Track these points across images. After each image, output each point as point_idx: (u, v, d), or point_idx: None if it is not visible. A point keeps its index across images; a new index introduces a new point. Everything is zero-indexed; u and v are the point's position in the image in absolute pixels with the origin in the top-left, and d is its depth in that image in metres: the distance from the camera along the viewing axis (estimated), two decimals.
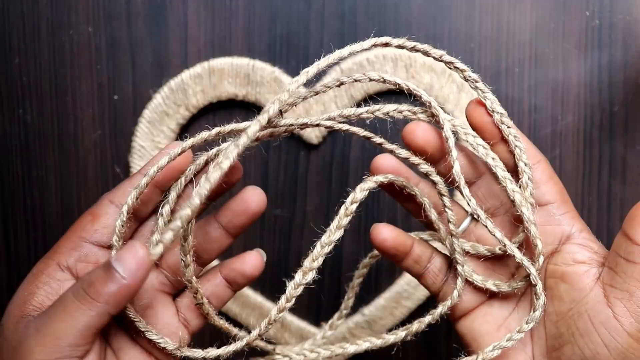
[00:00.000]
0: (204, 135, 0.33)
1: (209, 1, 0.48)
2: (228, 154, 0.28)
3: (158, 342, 0.33)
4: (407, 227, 0.50)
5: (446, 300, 0.35)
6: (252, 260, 0.35)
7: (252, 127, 0.29)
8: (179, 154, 0.33)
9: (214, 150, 0.33)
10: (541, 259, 0.33)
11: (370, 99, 0.48)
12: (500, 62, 0.48)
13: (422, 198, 0.34)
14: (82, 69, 0.49)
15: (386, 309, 0.50)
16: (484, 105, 0.34)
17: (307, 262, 0.32)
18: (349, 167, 0.50)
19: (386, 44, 0.32)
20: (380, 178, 0.34)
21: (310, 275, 0.32)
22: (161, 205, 0.33)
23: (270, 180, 0.50)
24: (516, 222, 0.34)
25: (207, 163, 0.34)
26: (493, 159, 0.34)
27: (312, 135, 0.49)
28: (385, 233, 0.34)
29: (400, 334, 0.36)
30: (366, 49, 0.32)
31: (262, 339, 0.35)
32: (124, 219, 0.32)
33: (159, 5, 0.48)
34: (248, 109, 0.49)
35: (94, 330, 0.29)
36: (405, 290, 0.49)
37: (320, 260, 0.32)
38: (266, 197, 0.34)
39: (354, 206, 0.33)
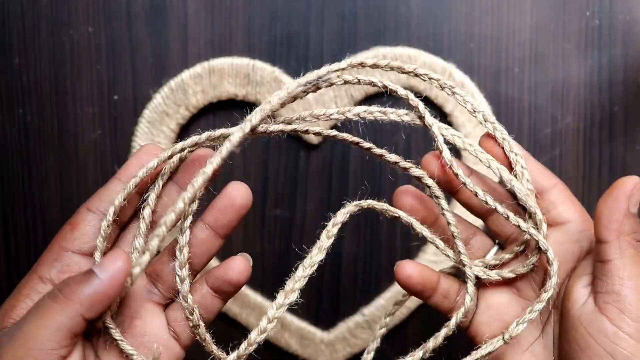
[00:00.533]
0: (194, 139, 0.32)
1: (209, 1, 0.48)
2: (212, 161, 0.29)
3: (131, 355, 0.31)
4: (407, 233, 0.50)
5: (477, 334, 0.34)
6: (237, 266, 0.32)
7: (235, 135, 0.30)
8: (169, 157, 0.32)
9: (186, 150, 0.33)
10: (544, 227, 0.32)
11: (370, 98, 0.48)
12: (500, 62, 0.48)
13: (409, 218, 0.34)
14: (82, 69, 0.49)
15: (386, 309, 0.50)
16: (492, 137, 0.34)
17: (289, 284, 0.32)
18: (349, 167, 0.50)
19: (361, 64, 0.33)
20: (361, 203, 0.34)
21: (293, 297, 0.32)
22: (141, 207, 0.33)
23: (270, 180, 0.50)
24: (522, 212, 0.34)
25: (181, 161, 0.33)
26: (470, 145, 0.33)
27: (312, 135, 0.49)
28: (410, 269, 0.34)
29: (417, 354, 0.34)
30: (342, 69, 0.32)
31: None
32: (110, 219, 0.31)
33: (159, 5, 0.48)
34: (248, 109, 0.49)
35: (68, 333, 0.28)
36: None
37: (303, 281, 0.32)
38: (266, 196, 0.34)
39: (336, 229, 0.33)
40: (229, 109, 0.49)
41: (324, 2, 0.48)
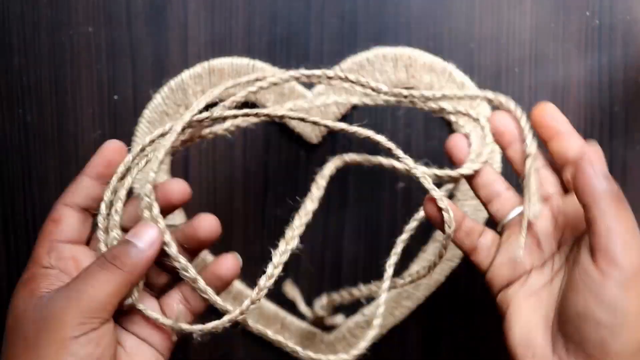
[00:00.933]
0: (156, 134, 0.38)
1: (209, 1, 0.48)
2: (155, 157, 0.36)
3: (156, 319, 0.35)
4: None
5: (493, 274, 0.38)
6: (227, 264, 0.38)
7: (160, 154, 0.36)
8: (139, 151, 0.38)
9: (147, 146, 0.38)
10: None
11: None
12: (500, 62, 0.48)
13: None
14: (82, 69, 0.49)
15: (386, 309, 0.50)
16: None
17: (288, 233, 0.37)
18: (349, 167, 0.49)
19: (262, 77, 0.40)
20: (344, 157, 0.42)
21: (293, 243, 0.37)
22: (113, 202, 0.36)
23: (270, 180, 0.50)
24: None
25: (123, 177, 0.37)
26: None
27: (312, 135, 0.49)
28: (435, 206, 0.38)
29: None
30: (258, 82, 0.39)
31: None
32: (105, 212, 0.36)
33: (159, 5, 0.48)
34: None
35: (120, 296, 0.33)
36: (405, 290, 0.49)
37: (301, 229, 0.38)
38: (266, 196, 0.34)
39: (324, 181, 0.41)
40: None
41: (324, 2, 0.48)
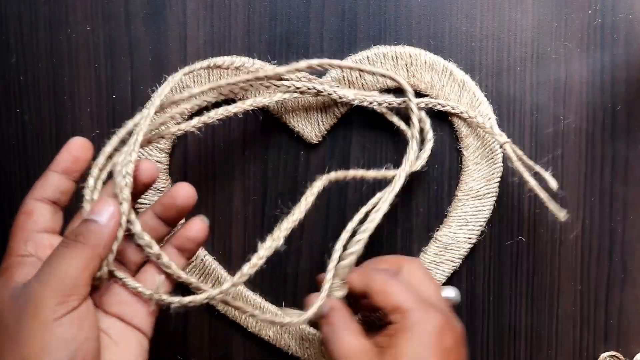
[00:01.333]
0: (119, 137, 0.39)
1: (209, 0, 0.48)
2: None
3: (136, 288, 0.36)
4: (407, 233, 0.50)
5: None
6: (196, 226, 0.39)
7: (139, 136, 0.38)
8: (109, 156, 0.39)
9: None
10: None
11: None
12: (502, 61, 0.48)
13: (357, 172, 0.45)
14: (80, 68, 0.49)
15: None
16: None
17: (275, 232, 0.39)
18: (349, 167, 0.49)
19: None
20: (330, 176, 0.43)
21: (279, 242, 0.38)
22: (88, 192, 0.37)
23: (269, 180, 0.49)
24: None
25: (110, 156, 0.39)
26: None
27: (312, 134, 0.48)
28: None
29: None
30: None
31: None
32: (92, 185, 0.37)
33: (158, 4, 0.48)
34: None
35: (90, 271, 0.33)
36: None
37: (287, 232, 0.39)
38: (266, 196, 0.34)
39: (312, 198, 0.42)
40: None
41: (324, 0, 0.48)
